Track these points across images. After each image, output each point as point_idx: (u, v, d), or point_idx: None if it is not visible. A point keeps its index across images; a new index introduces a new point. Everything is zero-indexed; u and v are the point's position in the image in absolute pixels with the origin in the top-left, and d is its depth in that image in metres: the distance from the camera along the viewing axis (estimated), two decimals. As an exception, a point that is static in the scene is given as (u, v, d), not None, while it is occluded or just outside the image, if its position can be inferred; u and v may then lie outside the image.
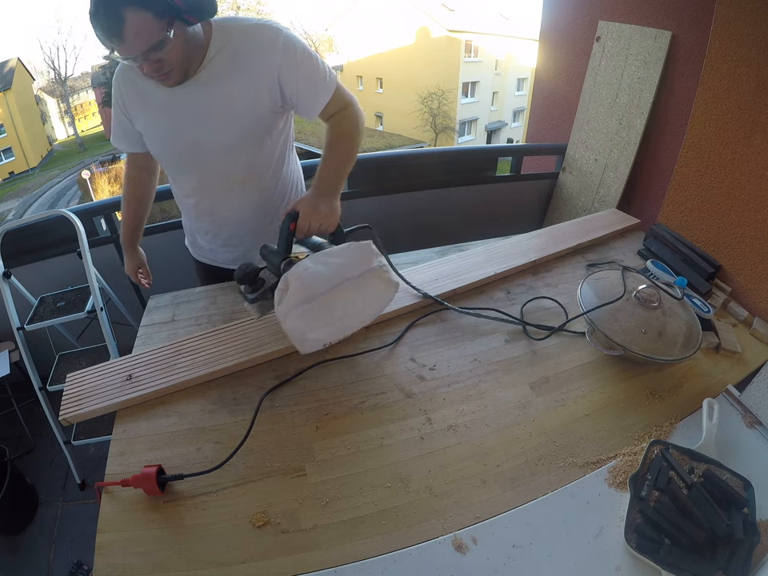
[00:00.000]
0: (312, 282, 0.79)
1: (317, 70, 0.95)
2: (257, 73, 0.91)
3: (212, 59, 0.90)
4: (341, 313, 0.81)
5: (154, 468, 0.70)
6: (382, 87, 19.73)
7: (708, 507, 0.65)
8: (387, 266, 0.87)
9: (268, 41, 0.90)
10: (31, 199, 15.10)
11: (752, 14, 1.10)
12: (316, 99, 0.97)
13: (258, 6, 22.66)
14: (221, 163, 1.02)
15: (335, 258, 0.83)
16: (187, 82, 0.91)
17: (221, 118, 0.95)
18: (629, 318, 0.94)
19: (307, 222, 0.89)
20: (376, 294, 0.86)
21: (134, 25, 0.73)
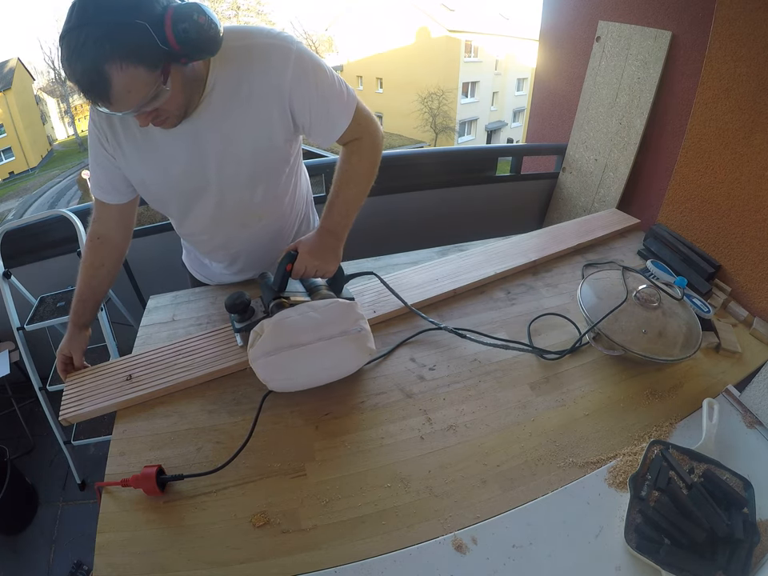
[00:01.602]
0: (285, 334, 0.78)
1: (332, 94, 0.83)
2: (265, 103, 0.79)
3: (212, 90, 0.77)
4: (306, 370, 0.79)
5: (153, 468, 0.70)
6: (381, 87, 19.74)
7: (708, 507, 0.65)
8: (366, 331, 0.84)
9: (276, 65, 0.77)
10: (31, 199, 15.10)
11: (752, 14, 1.10)
12: (332, 128, 0.87)
13: (258, 5, 22.69)
14: (234, 201, 0.92)
15: (316, 314, 0.82)
16: (187, 119, 0.78)
17: (229, 157, 0.84)
18: (629, 318, 0.94)
19: (303, 266, 0.87)
20: (348, 357, 0.83)
21: (122, 84, 0.60)
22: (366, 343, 0.84)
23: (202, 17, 0.62)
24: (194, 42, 0.63)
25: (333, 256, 0.91)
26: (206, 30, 0.63)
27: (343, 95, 0.85)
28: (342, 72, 21.70)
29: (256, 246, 1.06)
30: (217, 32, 0.66)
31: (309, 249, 0.87)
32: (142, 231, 1.71)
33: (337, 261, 0.92)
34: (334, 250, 0.92)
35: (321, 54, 24.71)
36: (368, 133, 0.92)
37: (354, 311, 0.85)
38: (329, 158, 2.18)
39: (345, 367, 0.85)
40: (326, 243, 0.90)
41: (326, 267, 0.90)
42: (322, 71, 0.82)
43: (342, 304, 0.86)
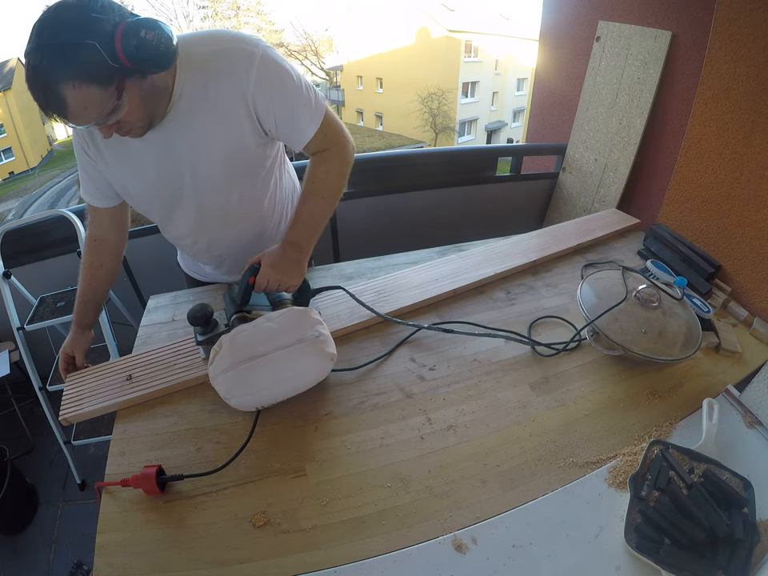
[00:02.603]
0: (242, 348, 0.76)
1: (298, 100, 0.82)
2: (232, 108, 0.79)
3: (180, 97, 0.77)
4: (266, 382, 0.76)
5: (153, 468, 0.70)
6: (381, 87, 19.74)
7: (708, 507, 0.65)
8: (324, 336, 0.81)
9: (240, 70, 0.76)
10: (31, 199, 15.10)
11: (752, 14, 1.10)
12: (299, 134, 0.85)
13: (258, 5, 22.68)
14: (212, 205, 0.93)
15: (272, 323, 0.80)
16: (157, 127, 0.79)
17: (201, 162, 0.85)
18: (629, 318, 0.94)
19: (265, 279, 0.85)
20: (308, 364, 0.80)
21: (77, 102, 0.62)
22: (325, 348, 0.80)
23: (150, 33, 0.63)
24: (144, 58, 0.64)
25: (296, 270, 0.88)
26: (154, 46, 0.64)
27: (310, 102, 0.83)
28: (342, 72, 21.73)
29: (239, 248, 1.05)
30: (168, 46, 0.66)
31: (271, 262, 0.85)
32: (141, 231, 1.71)
33: (300, 275, 0.90)
34: (297, 264, 0.89)
35: (321, 54, 24.71)
36: (337, 144, 0.90)
37: (310, 317, 0.83)
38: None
39: (307, 376, 0.81)
40: (289, 256, 0.87)
41: (288, 281, 0.87)
42: (287, 76, 0.80)
43: (297, 311, 0.83)
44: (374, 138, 16.11)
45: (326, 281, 1.23)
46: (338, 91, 22.72)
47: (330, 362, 0.82)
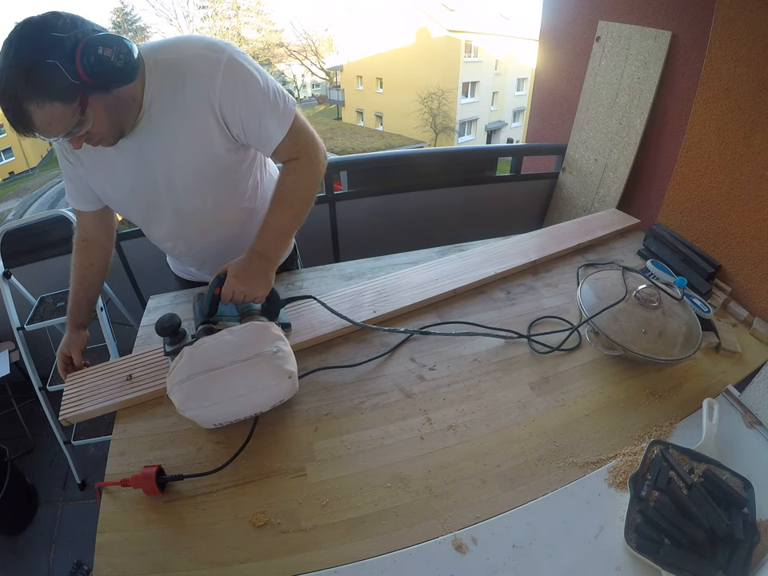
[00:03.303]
0: (200, 360, 0.75)
1: (264, 105, 0.81)
2: (201, 115, 0.79)
3: (150, 106, 0.78)
4: (220, 396, 0.73)
5: (153, 468, 0.70)
6: (381, 87, 19.74)
7: (708, 507, 0.65)
8: (284, 352, 0.78)
9: (206, 76, 0.76)
10: (31, 199, 15.09)
11: (752, 14, 1.10)
12: (267, 141, 0.84)
13: (258, 5, 22.69)
14: (188, 210, 0.93)
15: (232, 337, 0.78)
16: (130, 135, 0.80)
17: (174, 169, 0.85)
18: (629, 318, 0.94)
19: (231, 290, 0.84)
20: (263, 380, 0.75)
21: (42, 119, 0.64)
22: (282, 365, 0.77)
23: (108, 50, 0.64)
24: (103, 75, 0.65)
25: (262, 280, 0.87)
26: (112, 63, 0.65)
27: (278, 107, 0.82)
28: (342, 72, 21.73)
29: (218, 251, 1.04)
30: (127, 62, 0.67)
31: (236, 273, 0.84)
32: (141, 232, 1.70)
33: (267, 285, 0.88)
34: (263, 274, 0.87)
35: (321, 54, 24.71)
36: (307, 153, 0.88)
37: (271, 332, 0.81)
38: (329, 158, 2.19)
39: (262, 394, 0.77)
40: (255, 267, 0.86)
41: (254, 293, 0.86)
42: (253, 82, 0.79)
43: (258, 326, 0.81)
44: (374, 137, 16.11)
45: (326, 281, 1.23)
46: (338, 91, 22.71)
47: (288, 380, 0.77)
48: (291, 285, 1.21)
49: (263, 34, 23.46)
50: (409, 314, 1.10)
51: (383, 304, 1.09)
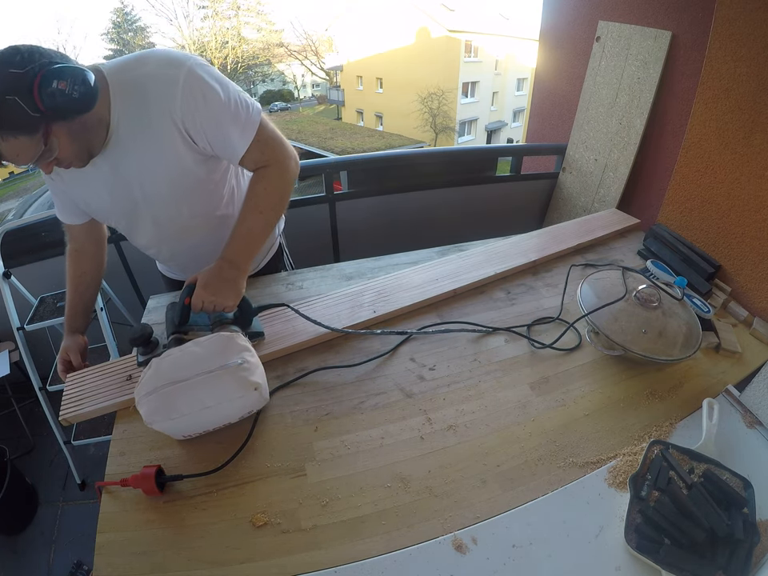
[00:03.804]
0: (166, 372, 0.74)
1: (226, 117, 0.80)
2: (165, 133, 0.80)
3: (118, 125, 0.78)
4: (187, 409, 0.73)
5: (153, 468, 0.70)
6: (381, 87, 19.74)
7: (708, 507, 0.65)
8: (249, 363, 0.77)
9: (166, 93, 0.77)
10: (31, 199, 15.08)
11: (752, 14, 1.10)
12: (232, 151, 0.84)
13: (258, 5, 22.69)
14: (166, 220, 0.95)
15: (198, 348, 0.78)
16: (102, 153, 0.81)
17: (147, 183, 0.86)
18: (629, 318, 0.94)
19: (200, 300, 0.83)
20: (229, 393, 0.75)
21: (9, 151, 0.67)
22: (247, 377, 0.76)
23: (62, 83, 0.66)
24: (61, 106, 0.67)
25: (231, 289, 0.86)
26: (68, 95, 0.67)
27: (239, 117, 0.81)
28: (342, 72, 21.73)
29: (200, 255, 1.02)
30: (83, 92, 0.68)
31: (204, 283, 0.83)
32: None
33: (236, 294, 0.87)
34: (233, 283, 0.86)
35: (321, 54, 24.71)
36: (276, 160, 0.88)
37: (237, 343, 0.80)
38: (329, 157, 2.18)
39: (229, 406, 0.76)
40: (224, 276, 0.85)
41: (223, 302, 0.85)
42: (213, 94, 0.78)
43: (224, 336, 0.80)
44: (374, 138, 16.09)
45: (326, 281, 1.23)
46: (338, 91, 22.72)
47: (254, 392, 0.76)
48: (291, 285, 1.21)
49: (263, 34, 23.47)
50: (409, 314, 1.10)
51: (383, 304, 1.09)
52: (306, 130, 15.95)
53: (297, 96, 28.14)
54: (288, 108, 25.42)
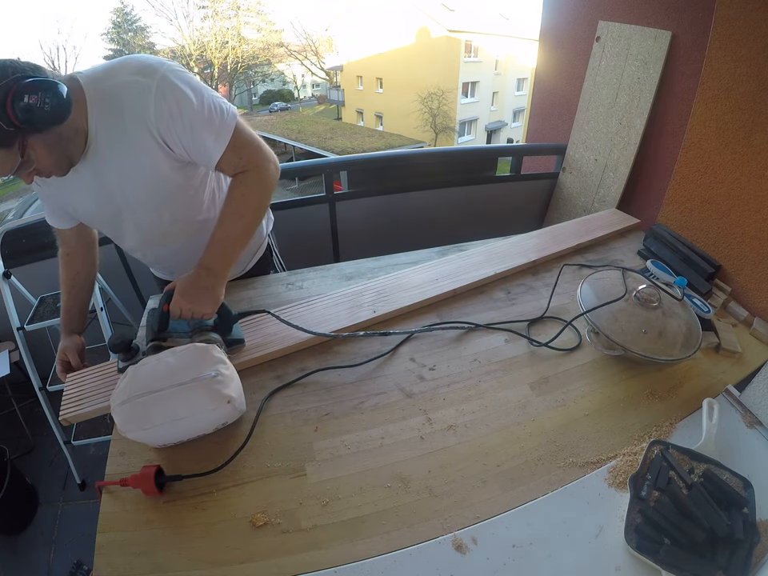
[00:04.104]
0: (141, 381, 0.74)
1: (199, 123, 0.80)
2: (141, 141, 0.80)
3: (96, 134, 0.79)
4: (160, 420, 0.72)
5: (152, 468, 0.70)
6: (381, 87, 19.75)
7: (708, 507, 0.65)
8: (223, 376, 0.76)
9: (139, 102, 0.77)
10: (31, 199, 15.08)
11: (752, 14, 1.10)
12: (207, 157, 0.84)
13: (258, 5, 22.69)
14: (148, 225, 0.96)
15: (173, 359, 0.77)
16: (83, 161, 0.82)
17: (127, 189, 0.87)
18: (629, 318, 0.94)
19: (178, 308, 0.83)
20: (202, 405, 0.74)
21: None
22: (221, 389, 0.75)
23: (33, 97, 0.66)
24: (33, 120, 0.67)
25: (209, 297, 0.85)
26: (39, 108, 0.67)
27: (213, 123, 0.81)
28: (342, 72, 21.72)
29: (184, 259, 1.04)
30: (54, 104, 0.69)
31: (181, 290, 0.83)
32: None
33: (214, 302, 0.86)
34: (210, 290, 0.85)
35: (321, 54, 24.71)
36: (254, 165, 0.87)
37: (212, 355, 0.78)
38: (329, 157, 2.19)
39: (202, 418, 0.75)
40: (201, 283, 0.85)
41: (200, 309, 0.84)
42: (185, 100, 0.78)
43: (199, 348, 0.79)
44: (374, 138, 16.09)
45: (326, 281, 1.23)
46: (338, 91, 22.72)
47: (227, 405, 0.75)
48: (291, 285, 1.21)
49: (263, 34, 23.47)
50: (408, 314, 1.10)
51: (383, 304, 1.09)
52: (306, 129, 15.95)
53: (297, 96, 28.15)
54: (288, 108, 25.43)
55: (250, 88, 25.97)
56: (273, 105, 25.26)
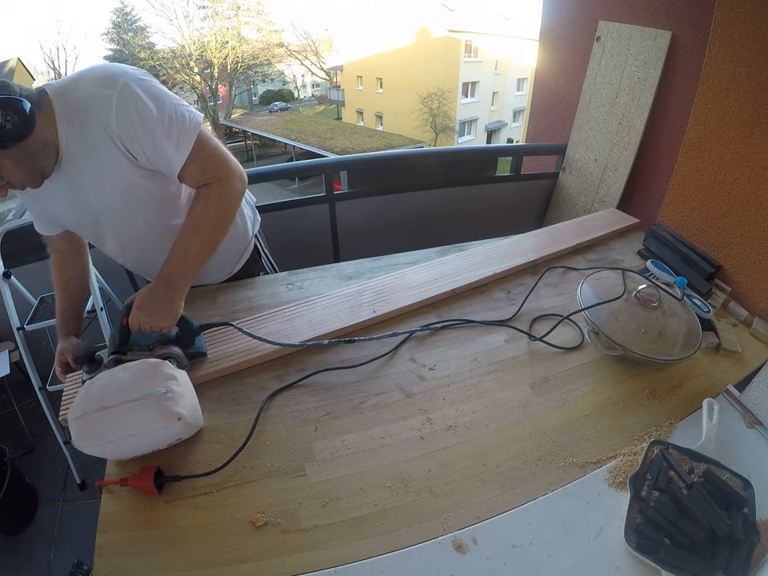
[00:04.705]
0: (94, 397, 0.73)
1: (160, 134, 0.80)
2: (107, 151, 0.80)
3: (67, 146, 0.80)
4: (113, 436, 0.71)
5: (151, 469, 0.70)
6: (381, 87, 19.74)
7: (708, 507, 0.65)
8: (174, 393, 0.74)
9: (101, 114, 0.77)
10: (31, 199, 15.05)
11: (752, 14, 1.10)
12: (170, 168, 0.84)
13: (258, 5, 22.69)
14: (125, 231, 0.96)
15: (125, 375, 0.76)
16: (57, 171, 0.83)
17: (100, 197, 0.88)
18: (629, 318, 0.94)
19: (136, 321, 0.83)
20: (152, 422, 0.72)
21: None
22: (171, 407, 0.73)
23: None
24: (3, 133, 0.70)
25: (166, 311, 0.84)
26: (1, 126, 0.70)
27: (173, 134, 0.81)
28: (342, 72, 21.73)
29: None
30: (16, 122, 0.71)
31: (139, 303, 0.83)
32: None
33: (172, 315, 0.85)
34: (169, 303, 0.85)
35: (321, 54, 24.70)
36: (218, 179, 0.86)
37: (162, 371, 0.77)
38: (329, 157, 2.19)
39: (154, 435, 0.73)
40: (159, 296, 0.84)
41: (158, 323, 0.84)
42: (146, 110, 0.78)
43: (149, 364, 0.78)
44: (374, 138, 16.09)
45: (326, 281, 1.23)
46: (338, 91, 22.72)
47: (177, 422, 0.73)
48: (291, 285, 1.21)
49: (263, 34, 23.46)
50: (408, 314, 1.10)
51: (382, 304, 1.09)
52: (306, 129, 15.96)
53: (297, 96, 28.14)
54: (288, 108, 25.43)
55: (250, 88, 25.97)
56: (273, 105, 25.25)
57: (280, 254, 1.45)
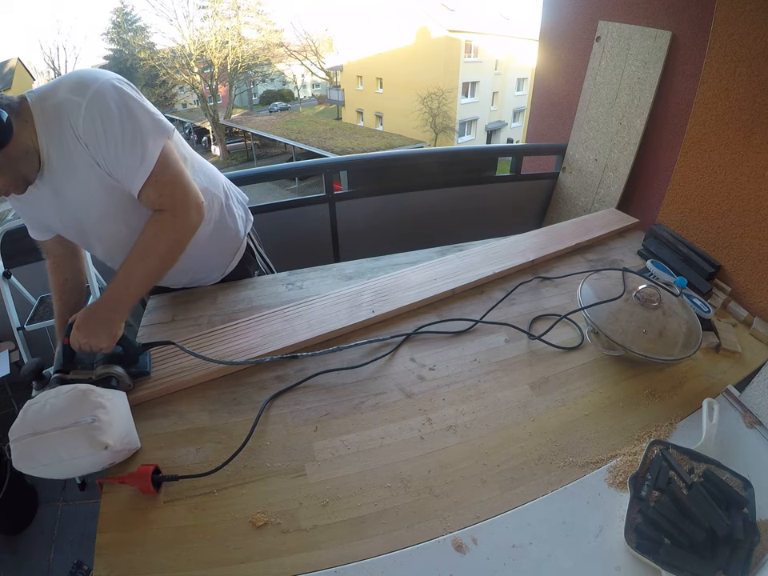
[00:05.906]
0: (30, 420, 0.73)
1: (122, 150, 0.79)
2: (80, 157, 0.81)
3: (48, 152, 0.81)
4: (47, 460, 0.71)
5: (149, 467, 0.70)
6: (381, 87, 19.74)
7: (708, 507, 0.65)
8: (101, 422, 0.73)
9: (72, 121, 0.78)
10: (31, 199, 15.05)
11: (752, 14, 1.10)
12: (129, 182, 0.83)
13: (258, 5, 22.68)
14: (108, 236, 0.96)
15: (56, 401, 0.75)
16: (42, 178, 0.84)
17: (82, 203, 0.88)
18: (629, 318, 0.94)
19: (76, 341, 0.83)
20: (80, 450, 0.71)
21: None
22: (97, 436, 0.71)
23: None
24: None
25: (104, 332, 0.83)
26: None
27: (136, 155, 0.80)
28: (342, 72, 21.72)
29: None
30: None
31: (78, 324, 0.83)
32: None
33: (110, 337, 0.84)
34: (108, 324, 0.83)
35: (321, 54, 24.69)
36: (173, 209, 0.86)
37: (90, 399, 0.75)
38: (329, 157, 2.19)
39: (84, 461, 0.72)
40: (98, 317, 0.84)
41: (96, 344, 0.83)
42: (110, 122, 0.78)
43: (79, 391, 0.76)
44: (374, 138, 16.09)
45: (326, 281, 1.23)
46: (338, 91, 22.71)
47: (104, 451, 0.71)
48: (291, 285, 1.21)
49: (263, 34, 23.43)
50: (408, 313, 1.10)
51: (382, 304, 1.09)
52: (306, 129, 15.95)
53: (297, 96, 28.14)
54: (288, 108, 25.43)
55: (250, 88, 25.96)
56: (273, 105, 25.25)
57: (280, 253, 1.46)
